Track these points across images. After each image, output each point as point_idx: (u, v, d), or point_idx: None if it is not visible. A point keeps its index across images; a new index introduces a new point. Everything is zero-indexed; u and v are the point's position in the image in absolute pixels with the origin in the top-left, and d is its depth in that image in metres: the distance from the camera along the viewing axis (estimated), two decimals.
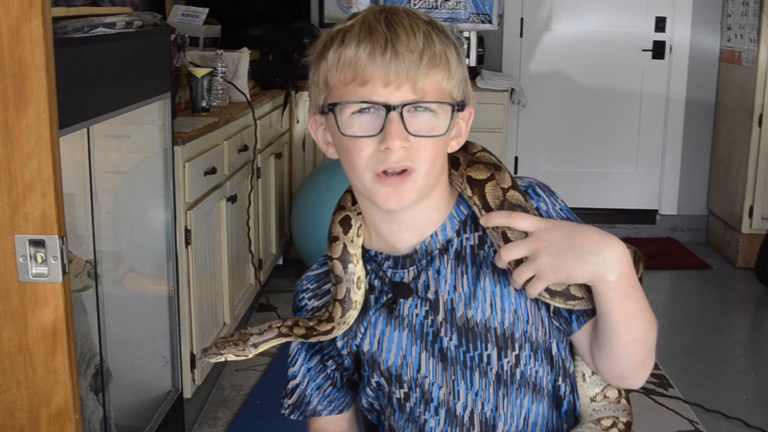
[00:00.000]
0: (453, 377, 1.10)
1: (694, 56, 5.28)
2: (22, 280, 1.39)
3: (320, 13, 5.25)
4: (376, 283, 1.12)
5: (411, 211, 1.07)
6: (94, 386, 2.44)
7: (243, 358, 1.15)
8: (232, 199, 3.34)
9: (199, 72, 3.25)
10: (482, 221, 1.04)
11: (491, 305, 1.08)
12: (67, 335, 1.43)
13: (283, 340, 1.15)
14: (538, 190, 1.11)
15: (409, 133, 1.01)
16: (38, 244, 1.38)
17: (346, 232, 1.11)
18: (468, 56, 4.86)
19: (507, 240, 1.02)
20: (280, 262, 4.56)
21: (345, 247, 1.10)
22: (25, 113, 1.32)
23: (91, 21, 2.01)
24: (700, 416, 3.10)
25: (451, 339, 1.09)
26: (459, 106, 1.05)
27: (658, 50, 5.30)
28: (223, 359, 1.15)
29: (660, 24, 5.27)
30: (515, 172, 5.35)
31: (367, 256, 1.12)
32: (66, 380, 1.45)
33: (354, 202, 1.12)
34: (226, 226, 3.31)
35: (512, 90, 4.78)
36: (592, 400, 1.16)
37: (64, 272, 1.39)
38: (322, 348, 1.19)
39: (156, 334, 2.78)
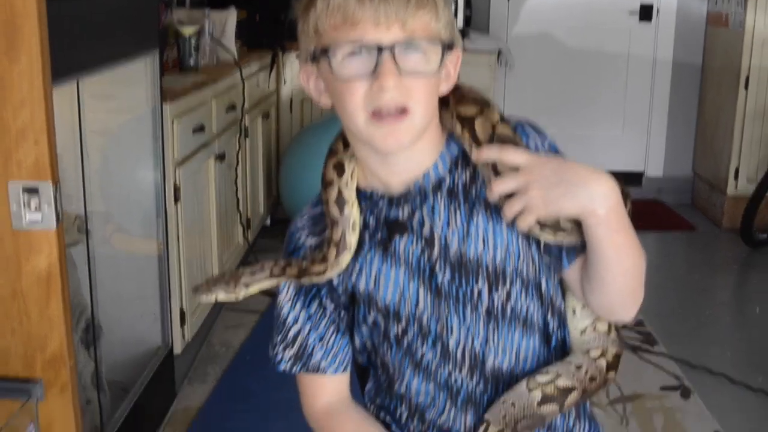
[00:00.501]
0: (446, 312, 1.12)
1: (681, 19, 5.28)
2: (16, 228, 1.41)
3: None
4: (371, 220, 1.13)
5: (405, 152, 1.08)
6: (84, 341, 2.46)
7: (233, 298, 1.14)
8: (221, 157, 3.34)
9: (187, 30, 3.24)
10: (474, 156, 1.06)
11: (483, 241, 1.10)
12: (61, 282, 1.44)
13: (275, 281, 1.15)
14: (528, 129, 1.12)
15: (401, 72, 1.02)
16: (32, 191, 1.38)
17: (340, 176, 1.12)
18: (455, 18, 4.85)
19: (498, 174, 1.03)
20: (268, 222, 4.57)
21: (340, 191, 1.11)
22: (18, 62, 1.32)
23: None
24: (685, 372, 3.14)
25: (444, 274, 1.11)
26: (447, 46, 1.06)
27: (646, 13, 5.31)
28: (213, 298, 1.15)
29: None
30: None
31: (363, 195, 1.13)
32: (60, 326, 1.47)
33: (346, 146, 1.13)
34: (214, 184, 3.32)
35: (499, 51, 4.78)
36: (582, 333, 1.18)
37: (58, 219, 1.40)
38: (318, 290, 1.18)
39: (146, 291, 2.79)
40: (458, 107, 1.09)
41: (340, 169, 1.12)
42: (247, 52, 4.17)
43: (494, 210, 1.09)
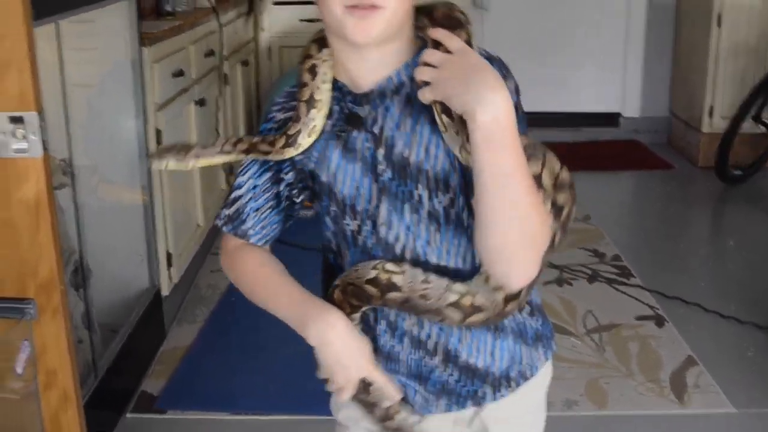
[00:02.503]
0: (390, 208, 1.18)
1: None
2: (4, 156, 1.45)
3: None
4: (336, 110, 1.18)
5: (375, 49, 1.13)
6: (74, 282, 2.51)
7: (183, 167, 1.20)
8: (201, 102, 3.37)
9: None
10: (429, 32, 1.09)
11: (426, 150, 1.14)
12: (50, 209, 1.49)
13: (226, 157, 1.20)
14: (495, 64, 1.14)
15: None
16: (17, 120, 1.43)
17: (313, 79, 1.17)
18: None
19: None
20: None
21: (312, 93, 1.16)
22: None
23: None
24: (660, 302, 3.23)
25: (386, 172, 1.16)
26: None
27: None
28: (164, 165, 1.20)
29: None
30: None
31: (336, 86, 1.18)
32: (51, 252, 1.52)
33: (320, 48, 1.18)
34: (195, 129, 3.36)
35: None
36: None
37: (44, 147, 1.45)
38: (278, 164, 1.22)
39: (132, 235, 2.84)
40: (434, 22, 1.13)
41: (313, 72, 1.17)
42: None
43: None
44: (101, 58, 2.70)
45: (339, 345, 1.18)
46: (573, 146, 5.41)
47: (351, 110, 1.17)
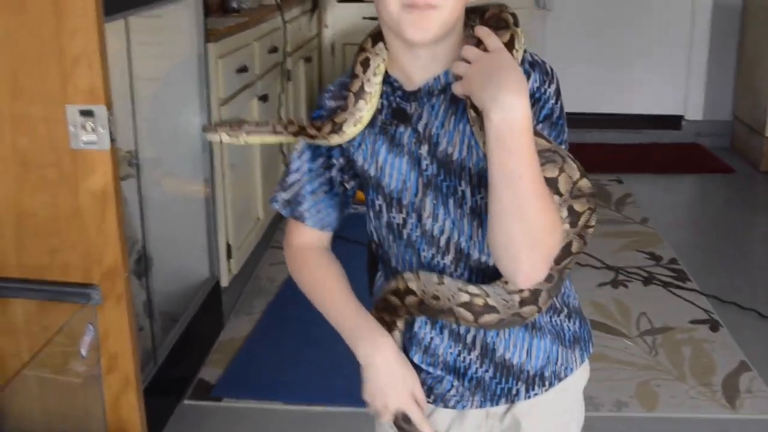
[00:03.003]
0: (434, 202, 1.22)
1: None
2: (74, 147, 1.52)
3: None
4: (385, 104, 1.23)
5: (427, 50, 1.17)
6: (136, 271, 2.59)
7: (235, 141, 1.25)
8: (263, 98, 3.44)
9: None
10: (474, 30, 1.13)
11: (468, 147, 1.18)
12: (115, 199, 1.55)
13: (276, 137, 1.26)
14: (539, 67, 1.17)
15: None
16: (87, 114, 1.50)
17: (365, 72, 1.21)
18: None
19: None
20: None
21: (362, 84, 1.20)
22: None
23: None
24: (715, 307, 3.21)
25: (431, 167, 1.20)
26: None
27: None
28: (217, 138, 1.25)
29: None
30: None
31: (388, 80, 1.22)
32: (116, 241, 1.59)
33: (374, 44, 1.22)
34: None
35: None
36: None
37: (111, 140, 1.51)
38: (329, 149, 1.27)
39: (194, 227, 2.91)
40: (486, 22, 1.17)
41: (365, 65, 1.21)
42: None
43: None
44: (168, 52, 2.77)
45: (383, 371, 1.23)
46: (634, 148, 5.39)
47: (399, 105, 1.21)
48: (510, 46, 1.12)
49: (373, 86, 1.21)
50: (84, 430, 1.71)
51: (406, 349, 1.28)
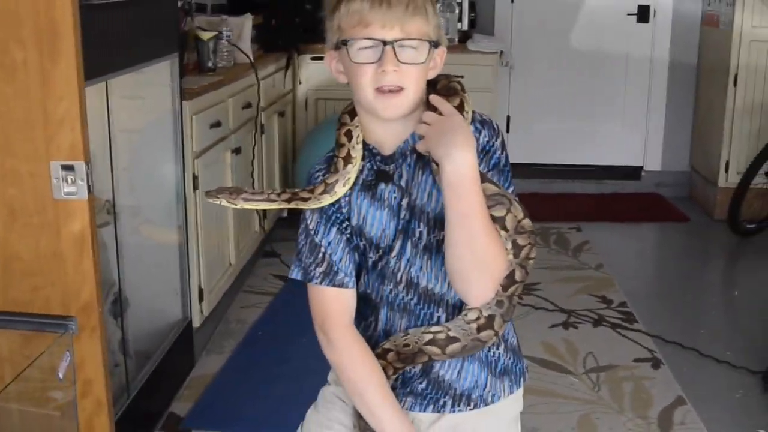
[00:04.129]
0: (402, 243, 1.45)
1: (677, 20, 5.56)
2: (56, 198, 1.74)
3: None
4: (366, 167, 1.47)
5: (397, 122, 1.42)
6: (113, 311, 2.79)
7: (233, 206, 1.46)
8: (237, 151, 3.67)
9: (205, 35, 3.58)
10: (429, 98, 1.39)
11: (428, 194, 1.42)
12: (92, 242, 1.77)
13: (270, 204, 1.47)
14: (487, 126, 1.44)
15: (399, 61, 1.37)
16: (68, 168, 1.72)
17: (350, 140, 1.46)
18: (460, 20, 5.17)
19: None
20: (284, 214, 4.88)
21: (349, 151, 1.45)
22: (58, 63, 1.66)
23: None
24: (659, 347, 3.43)
25: (406, 216, 1.44)
26: (434, 44, 1.41)
27: (643, 14, 5.60)
28: (218, 202, 1.46)
29: None
30: (507, 131, 5.68)
31: (366, 147, 1.47)
32: (91, 279, 1.80)
33: (352, 118, 1.47)
34: (231, 175, 3.65)
35: (501, 52, 5.08)
36: None
37: (89, 191, 1.74)
38: (333, 213, 1.47)
39: (168, 271, 3.11)
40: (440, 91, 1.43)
41: (349, 135, 1.46)
42: (264, 54, 4.50)
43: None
44: (146, 107, 2.99)
45: None
46: (596, 198, 5.64)
47: (380, 168, 1.45)
48: (461, 108, 1.39)
49: (357, 152, 1.46)
50: None
51: None
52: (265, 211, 4.27)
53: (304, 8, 5.06)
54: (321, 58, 4.95)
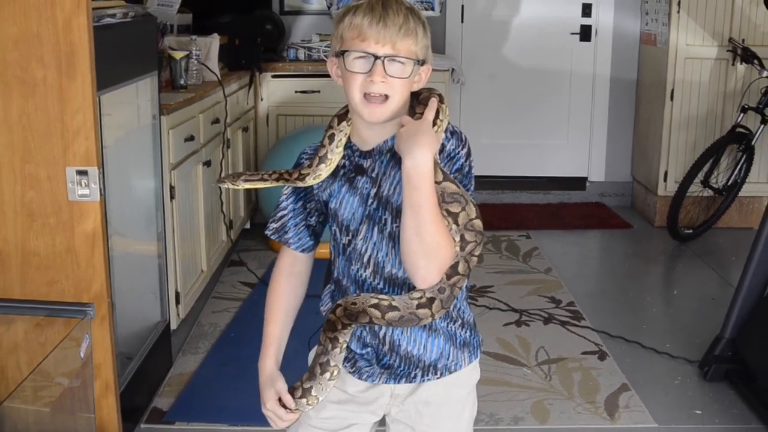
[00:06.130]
0: (368, 228, 1.68)
1: (617, 39, 5.90)
2: (71, 200, 1.95)
3: (281, 1, 5.79)
4: (347, 162, 1.70)
5: (380, 125, 1.65)
6: None
7: (236, 188, 1.72)
8: (207, 163, 3.89)
9: (178, 54, 3.79)
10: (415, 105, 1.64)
11: (394, 187, 1.65)
12: (102, 240, 1.98)
13: (263, 183, 1.72)
14: (456, 136, 1.67)
15: (386, 74, 1.60)
16: (82, 173, 1.94)
17: (330, 144, 1.69)
18: None
19: None
20: (248, 225, 5.09)
21: (326, 153, 1.69)
22: (74, 79, 1.88)
23: (99, 12, 2.55)
24: (605, 341, 3.71)
25: (373, 204, 1.67)
26: (420, 62, 1.65)
27: (585, 33, 5.93)
28: (225, 186, 1.72)
29: (586, 10, 5.90)
30: None
31: (349, 145, 1.71)
32: (102, 273, 2.01)
33: (339, 122, 1.71)
34: (202, 187, 3.86)
35: (452, 69, 5.36)
36: None
37: (101, 194, 1.95)
38: (306, 194, 1.74)
39: (147, 276, 3.31)
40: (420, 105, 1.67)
41: (331, 138, 1.70)
42: (229, 72, 4.73)
43: None
44: (125, 123, 3.20)
45: (260, 375, 1.79)
46: (543, 207, 5.95)
47: (357, 162, 1.68)
48: (436, 116, 1.61)
49: (335, 155, 1.69)
50: (72, 430, 2.10)
51: (349, 345, 1.73)
52: (231, 221, 4.49)
53: (264, 29, 5.31)
54: (281, 76, 5.21)
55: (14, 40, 2.00)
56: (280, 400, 1.75)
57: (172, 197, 3.38)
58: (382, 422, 1.85)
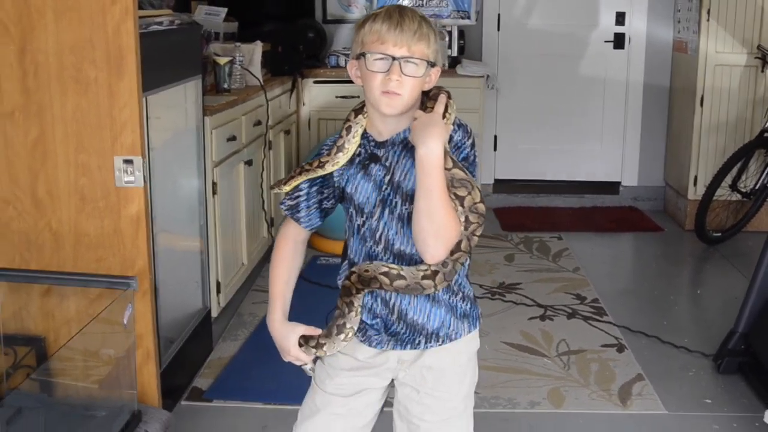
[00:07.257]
0: (382, 211, 1.88)
1: (650, 46, 6.04)
2: (118, 186, 2.19)
3: (323, 10, 6.03)
4: (363, 150, 1.90)
5: (394, 118, 1.85)
6: None
7: (281, 191, 1.91)
8: (249, 163, 4.12)
9: (222, 60, 4.04)
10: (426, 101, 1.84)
11: (405, 174, 1.85)
12: (146, 222, 2.22)
13: (296, 181, 1.90)
14: (462, 129, 1.87)
15: (402, 73, 1.80)
16: (129, 162, 2.17)
17: (347, 135, 1.89)
18: (450, 47, 5.64)
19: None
20: None
21: (344, 143, 1.89)
22: (123, 79, 2.13)
23: (147, 20, 2.79)
24: (625, 335, 3.86)
25: (387, 189, 1.87)
26: (431, 64, 1.85)
27: (619, 41, 6.08)
28: (276, 191, 1.93)
29: (620, 18, 6.05)
30: (494, 149, 6.15)
31: (366, 135, 1.90)
32: (144, 252, 2.25)
33: (356, 115, 1.90)
34: (243, 185, 4.10)
35: (487, 76, 5.55)
36: None
37: (144, 180, 2.19)
38: (324, 180, 1.92)
39: (191, 266, 3.54)
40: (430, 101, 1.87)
41: (348, 130, 1.89)
42: (272, 78, 4.97)
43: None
44: (172, 122, 3.43)
45: (273, 331, 1.99)
46: (576, 210, 6.11)
47: (372, 151, 1.88)
48: (445, 110, 1.82)
49: (352, 145, 1.88)
50: (117, 396, 2.33)
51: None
52: (273, 219, 4.72)
53: (306, 37, 5.56)
54: (322, 82, 5.45)
55: (70, 46, 2.26)
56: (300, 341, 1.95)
57: (214, 192, 3.61)
58: (389, 407, 2.05)
